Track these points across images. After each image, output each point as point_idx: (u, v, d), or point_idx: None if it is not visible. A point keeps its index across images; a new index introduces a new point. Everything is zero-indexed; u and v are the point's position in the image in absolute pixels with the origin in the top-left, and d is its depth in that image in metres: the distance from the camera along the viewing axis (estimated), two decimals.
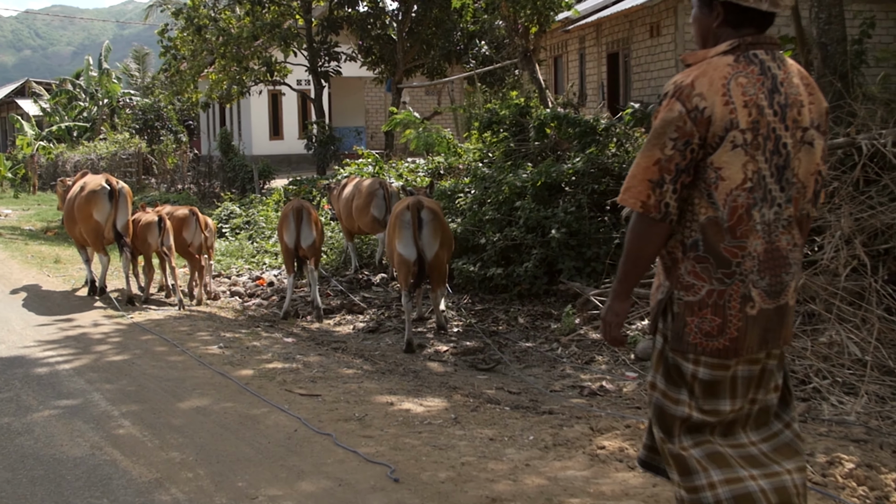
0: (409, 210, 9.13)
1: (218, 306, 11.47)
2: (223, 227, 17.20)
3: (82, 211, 11.41)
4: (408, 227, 9.14)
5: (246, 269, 14.34)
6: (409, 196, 11.18)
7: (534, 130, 13.69)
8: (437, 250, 9.28)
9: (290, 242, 10.63)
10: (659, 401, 3.31)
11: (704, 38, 3.33)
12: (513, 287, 11.40)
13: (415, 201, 9.26)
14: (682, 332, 3.21)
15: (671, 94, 3.16)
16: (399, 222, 9.19)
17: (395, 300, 11.69)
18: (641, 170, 3.17)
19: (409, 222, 9.13)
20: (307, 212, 10.67)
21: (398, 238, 9.17)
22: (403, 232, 9.14)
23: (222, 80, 23.50)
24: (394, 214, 9.44)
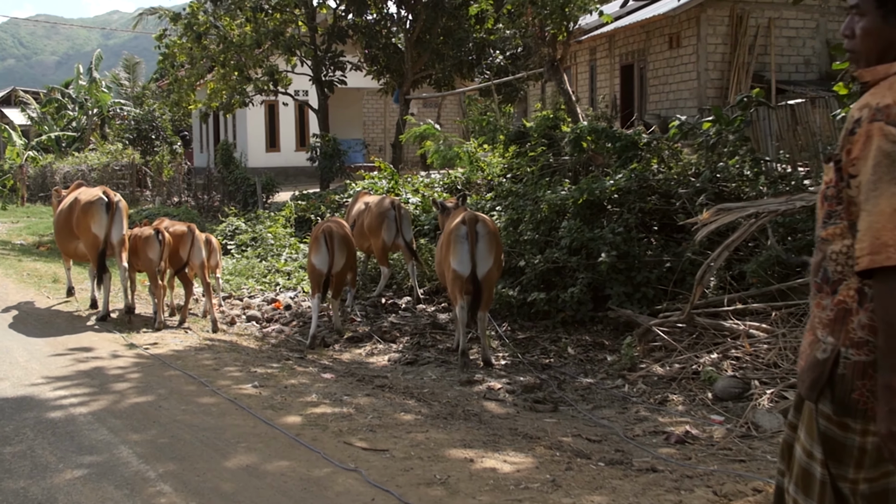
0: (466, 224, 8.73)
1: (236, 332, 10.46)
2: (228, 244, 16.18)
3: (81, 225, 10.77)
4: (463, 242, 8.71)
5: (258, 291, 13.33)
6: (441, 209, 10.50)
7: (569, 144, 12.78)
8: (491, 266, 8.83)
9: (322, 266, 10.01)
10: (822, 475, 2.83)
11: (884, 51, 2.78)
12: (556, 314, 10.51)
13: (471, 215, 8.86)
14: (849, 399, 2.73)
15: (873, 118, 2.57)
16: (454, 237, 8.76)
17: (428, 326, 10.75)
18: (890, 216, 2.49)
19: (465, 236, 8.70)
20: (339, 234, 10.14)
21: (452, 252, 8.75)
22: (458, 246, 8.71)
23: (221, 90, 22.48)
24: (448, 229, 9.01)
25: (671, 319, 9.34)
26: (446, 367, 9.02)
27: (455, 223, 8.88)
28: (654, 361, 8.87)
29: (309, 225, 16.46)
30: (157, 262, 10.56)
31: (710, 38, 19.52)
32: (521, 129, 14.09)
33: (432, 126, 15.60)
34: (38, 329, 9.68)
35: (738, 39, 19.37)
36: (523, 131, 14.10)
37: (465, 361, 8.79)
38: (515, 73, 19.88)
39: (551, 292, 10.55)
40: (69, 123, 37.78)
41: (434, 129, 15.51)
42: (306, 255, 14.78)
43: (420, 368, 9.00)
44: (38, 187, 29.45)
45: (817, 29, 20.08)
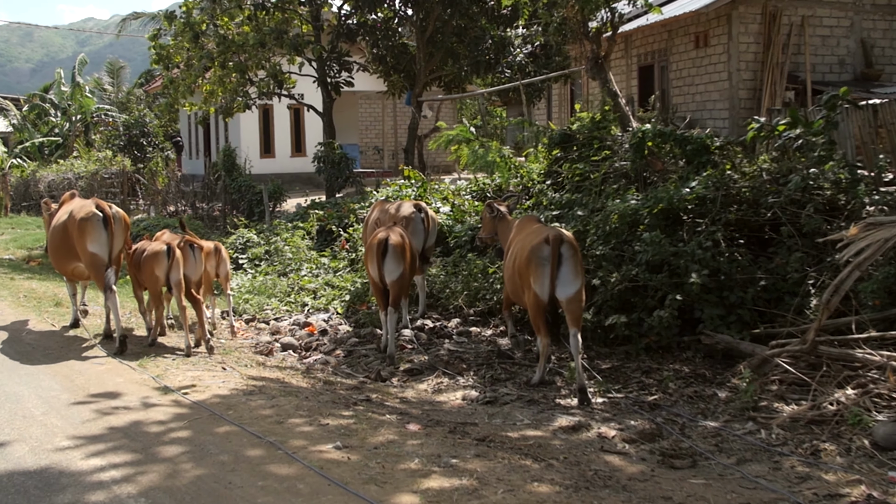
0: (550, 244, 7.72)
1: (276, 366, 8.91)
2: (239, 258, 14.57)
3: (79, 244, 9.60)
4: (545, 264, 7.74)
5: (284, 311, 11.75)
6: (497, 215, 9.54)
7: (631, 148, 11.32)
8: (578, 289, 7.82)
9: (376, 277, 9.18)
10: None
11: None
12: (638, 339, 9.07)
13: (555, 235, 7.81)
14: None
15: None
16: (535, 258, 7.77)
17: (492, 354, 9.26)
18: None
19: (548, 258, 7.73)
20: (394, 242, 9.17)
21: (534, 276, 7.78)
22: (540, 269, 7.74)
23: (217, 92, 20.81)
24: (528, 247, 7.90)
25: (789, 348, 7.94)
26: (535, 407, 7.56)
27: (537, 242, 7.82)
28: (773, 398, 7.49)
29: (330, 236, 14.90)
30: (163, 280, 9.33)
31: (741, 36, 18.18)
32: (566, 132, 12.61)
33: (466, 129, 14.07)
34: (48, 367, 8.05)
35: (772, 38, 18.06)
36: (569, 134, 12.63)
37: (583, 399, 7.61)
38: (536, 71, 18.40)
39: (631, 315, 9.14)
40: (52, 130, 35.80)
41: (469, 133, 14.00)
42: (333, 269, 13.32)
43: (504, 409, 7.56)
44: (21, 196, 27.55)
45: (852, 27, 18.81)
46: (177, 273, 9.30)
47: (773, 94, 17.80)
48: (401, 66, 20.29)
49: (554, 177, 13.43)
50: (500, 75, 18.53)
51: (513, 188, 14.60)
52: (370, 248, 9.24)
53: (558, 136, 12.73)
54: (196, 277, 9.67)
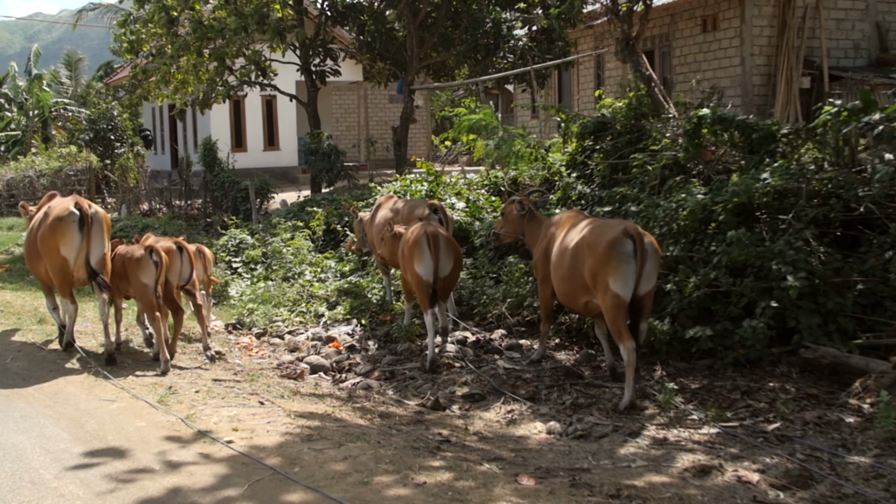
0: (633, 240, 6.80)
1: (313, 393, 7.49)
2: (232, 262, 13.05)
3: (46, 244, 8.50)
4: (629, 261, 6.81)
5: (296, 323, 10.31)
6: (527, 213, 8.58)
7: (686, 136, 10.05)
8: (654, 286, 7.10)
9: (428, 274, 8.25)
10: None
11: None
12: (722, 352, 7.85)
13: (635, 229, 6.91)
14: None
15: None
16: (617, 253, 6.81)
17: (557, 371, 7.97)
18: None
19: (632, 255, 6.80)
20: (444, 237, 8.45)
21: (615, 275, 6.83)
22: (624, 266, 6.80)
23: (190, 81, 19.10)
24: (604, 243, 6.94)
25: None
26: (639, 441, 6.27)
27: (615, 236, 6.87)
28: None
29: (333, 236, 13.45)
30: (152, 288, 8.29)
31: (755, 19, 17.09)
32: (602, 120, 11.32)
33: (491, 113, 12.68)
34: (49, 408, 6.53)
35: (787, 20, 16.97)
36: (604, 122, 11.34)
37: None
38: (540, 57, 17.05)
39: (715, 325, 7.90)
40: (7, 125, 33.58)
41: (493, 119, 12.61)
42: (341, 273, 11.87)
43: (604, 446, 6.31)
44: None
45: (867, 11, 17.82)
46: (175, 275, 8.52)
47: (790, 80, 16.73)
48: (389, 53, 18.81)
49: (580, 168, 12.17)
50: (502, 60, 17.16)
51: (529, 181, 13.30)
52: (416, 244, 8.28)
53: (592, 123, 11.42)
54: (182, 282, 8.72)
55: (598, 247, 6.96)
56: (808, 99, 16.82)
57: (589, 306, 7.54)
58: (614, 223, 7.24)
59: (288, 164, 28.04)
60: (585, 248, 7.18)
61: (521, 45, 17.08)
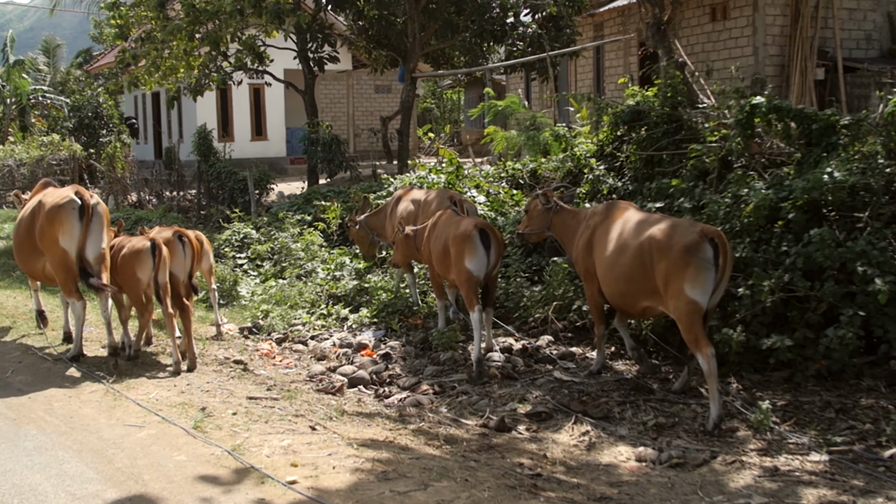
0: (713, 243, 6.15)
1: (359, 411, 6.49)
2: (237, 257, 11.96)
3: (44, 235, 7.79)
4: (710, 268, 6.13)
5: (318, 327, 9.29)
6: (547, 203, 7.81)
7: (738, 126, 9.13)
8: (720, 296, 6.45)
9: (480, 270, 7.65)
10: None
11: None
12: (803, 363, 6.99)
13: (717, 234, 6.26)
14: None
15: None
16: (697, 259, 6.11)
17: (619, 384, 7.07)
18: None
19: (713, 261, 6.13)
20: (494, 232, 7.83)
21: (693, 281, 6.12)
22: (704, 274, 6.12)
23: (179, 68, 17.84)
24: (680, 246, 6.22)
25: None
26: (745, 472, 5.42)
27: (693, 239, 6.17)
28: None
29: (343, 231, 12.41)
30: (145, 283, 7.75)
31: (768, 7, 16.25)
32: (638, 108, 10.39)
33: (519, 101, 11.69)
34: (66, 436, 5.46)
35: (800, 9, 16.15)
36: (638, 110, 10.41)
37: None
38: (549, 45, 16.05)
39: (793, 333, 7.02)
40: None
41: (521, 106, 11.62)
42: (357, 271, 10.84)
43: (706, 475, 5.47)
44: None
45: (878, 1, 17.05)
46: (163, 274, 7.64)
47: (804, 72, 15.93)
48: (389, 40, 17.72)
49: (608, 160, 11.24)
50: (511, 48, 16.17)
51: (550, 173, 12.36)
52: (468, 238, 7.63)
53: (627, 112, 10.48)
54: (184, 276, 8.09)
55: (672, 250, 6.24)
56: (822, 91, 16.04)
57: (648, 311, 6.80)
58: (686, 223, 6.52)
59: (276, 154, 26.85)
60: (655, 250, 6.39)
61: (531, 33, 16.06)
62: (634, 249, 6.61)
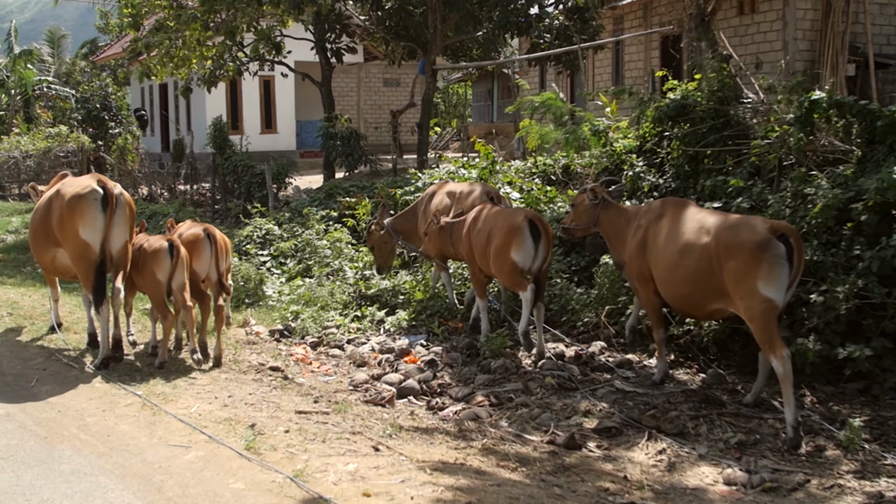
0: (784, 238, 5.85)
1: (417, 427, 5.95)
2: (259, 254, 11.39)
3: (63, 226, 7.32)
4: (784, 264, 5.82)
5: (354, 330, 8.74)
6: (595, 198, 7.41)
7: (797, 123, 8.59)
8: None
9: (526, 263, 7.43)
10: None
11: None
12: (881, 374, 6.50)
13: (789, 229, 5.97)
14: None
15: None
16: (770, 256, 5.81)
17: (687, 396, 6.56)
18: None
19: (786, 257, 5.83)
20: (544, 224, 7.55)
21: (767, 279, 5.79)
22: (779, 270, 5.81)
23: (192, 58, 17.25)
24: (752, 244, 5.89)
25: None
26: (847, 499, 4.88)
27: (763, 237, 5.84)
28: None
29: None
30: (165, 284, 7.37)
31: (798, 2, 15.70)
32: (682, 102, 9.84)
33: (556, 95, 11.13)
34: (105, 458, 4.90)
35: (832, 4, 15.59)
36: (684, 105, 9.86)
37: None
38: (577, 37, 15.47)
39: (868, 342, 6.52)
40: None
41: (559, 100, 11.07)
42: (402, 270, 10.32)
43: (806, 501, 4.90)
44: None
45: None
46: (181, 275, 7.33)
47: (835, 67, 15.37)
48: (407, 31, 17.12)
49: (647, 156, 10.71)
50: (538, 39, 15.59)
51: (582, 169, 11.83)
52: (516, 230, 7.39)
53: (672, 107, 9.94)
54: (214, 274, 7.83)
55: (743, 248, 5.89)
56: (853, 87, 15.50)
57: (716, 313, 6.42)
58: (754, 220, 6.15)
59: (286, 147, 26.25)
60: (723, 249, 6.01)
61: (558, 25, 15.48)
62: (699, 250, 6.22)
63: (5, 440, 5.14)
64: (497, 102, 33.79)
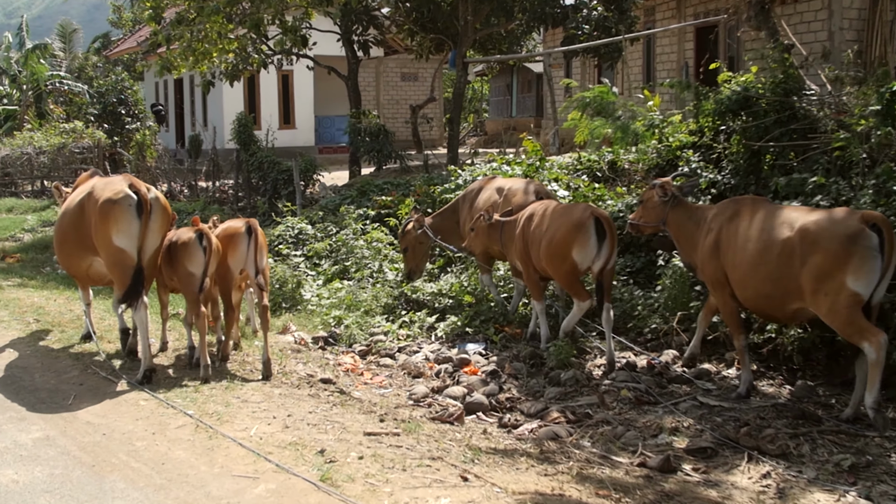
0: (876, 229, 5.50)
1: (495, 449, 5.42)
2: (292, 254, 10.86)
3: (97, 233, 6.90)
4: (876, 256, 5.48)
5: (402, 337, 8.21)
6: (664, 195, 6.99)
7: (878, 116, 8.03)
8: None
9: (585, 262, 7.12)
10: None
11: None
12: None
13: (881, 218, 5.60)
14: None
15: None
16: (861, 249, 5.49)
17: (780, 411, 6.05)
18: None
19: (878, 249, 5.49)
20: (609, 222, 7.17)
21: (857, 272, 5.48)
22: (871, 263, 5.49)
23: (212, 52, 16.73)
24: (841, 236, 5.56)
25: None
26: None
27: (854, 229, 5.53)
28: None
29: None
30: (199, 279, 6.98)
31: None
32: (746, 95, 9.29)
33: (608, 89, 10.58)
34: (164, 491, 4.39)
35: None
36: (749, 96, 9.31)
37: None
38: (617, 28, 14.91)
39: None
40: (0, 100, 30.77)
41: (611, 94, 10.52)
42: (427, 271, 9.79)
43: None
44: None
45: None
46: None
47: (883, 57, 14.76)
48: (437, 23, 16.57)
49: (702, 151, 10.19)
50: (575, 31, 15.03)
51: (628, 165, 11.30)
52: (578, 226, 7.07)
53: (735, 100, 9.38)
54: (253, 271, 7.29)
55: (831, 241, 5.60)
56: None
57: (798, 314, 6.03)
58: (841, 212, 5.81)
59: (304, 143, 25.72)
60: (808, 243, 5.71)
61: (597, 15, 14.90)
62: (781, 245, 5.87)
63: (48, 469, 4.62)
64: (516, 97, 33.24)
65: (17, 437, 5.21)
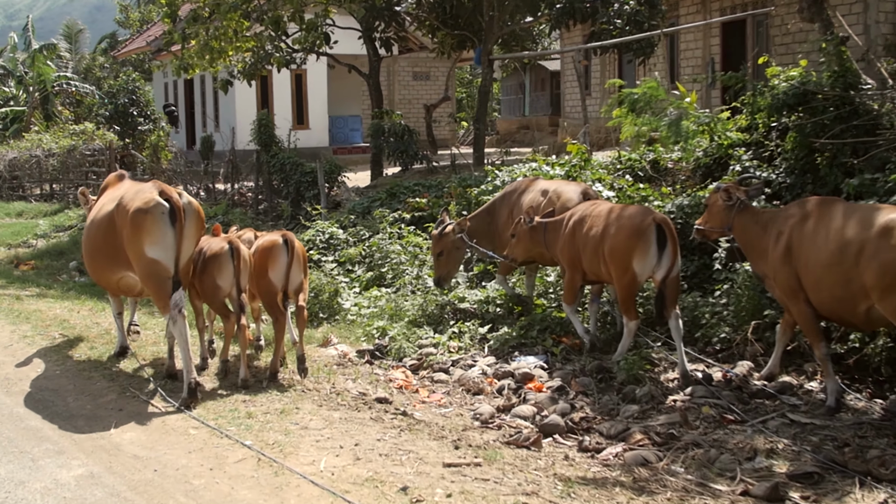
0: None
1: (578, 477, 4.94)
2: (322, 260, 10.37)
3: (129, 243, 6.56)
4: None
5: (455, 350, 7.72)
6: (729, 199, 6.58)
7: None
8: None
9: (644, 272, 6.77)
10: None
11: None
12: None
13: None
14: None
15: None
16: None
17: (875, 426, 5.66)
18: None
19: None
20: (671, 228, 6.78)
21: None
22: None
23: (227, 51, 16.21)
24: None
25: None
26: None
27: None
28: None
29: None
30: (226, 291, 6.83)
31: None
32: (805, 88, 8.80)
33: (657, 85, 10.09)
34: None
35: None
36: (808, 91, 8.81)
37: None
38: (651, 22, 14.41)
39: None
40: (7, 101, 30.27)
41: (661, 90, 10.03)
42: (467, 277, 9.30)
43: None
44: None
45: None
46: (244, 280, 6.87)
47: None
48: (460, 19, 16.06)
49: (756, 149, 9.71)
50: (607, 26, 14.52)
51: (672, 164, 10.83)
52: (639, 233, 6.70)
53: (792, 95, 8.89)
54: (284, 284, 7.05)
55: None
56: None
57: (871, 314, 5.65)
58: None
59: (318, 143, 25.21)
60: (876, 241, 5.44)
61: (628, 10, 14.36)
62: (858, 244, 5.55)
63: None
64: (529, 96, 32.73)
65: (58, 475, 4.71)
